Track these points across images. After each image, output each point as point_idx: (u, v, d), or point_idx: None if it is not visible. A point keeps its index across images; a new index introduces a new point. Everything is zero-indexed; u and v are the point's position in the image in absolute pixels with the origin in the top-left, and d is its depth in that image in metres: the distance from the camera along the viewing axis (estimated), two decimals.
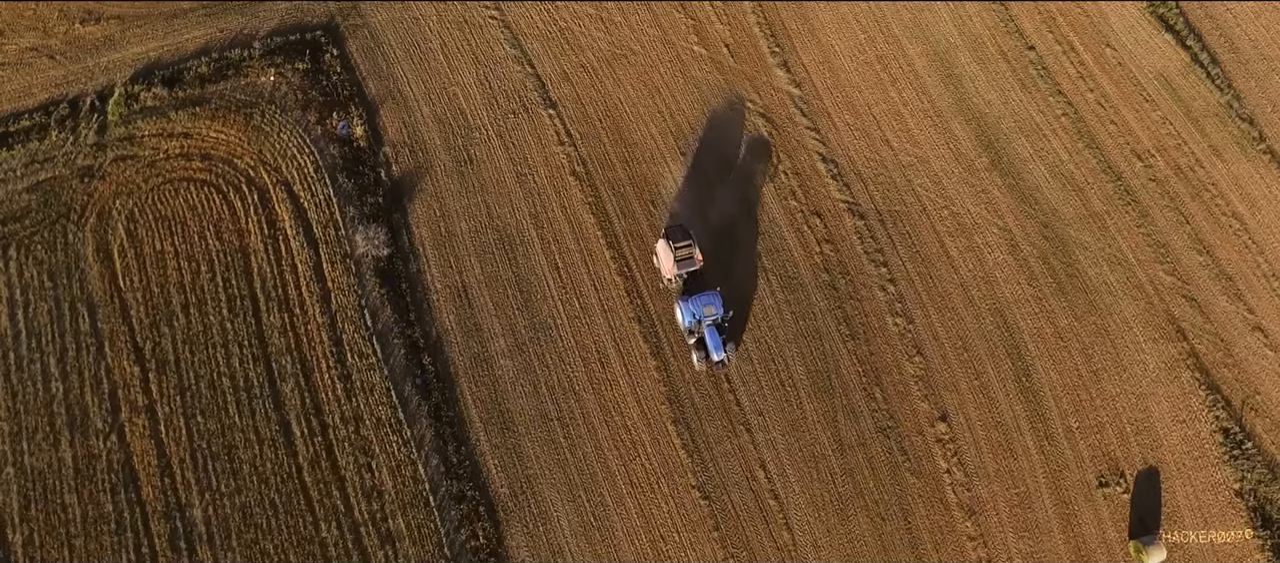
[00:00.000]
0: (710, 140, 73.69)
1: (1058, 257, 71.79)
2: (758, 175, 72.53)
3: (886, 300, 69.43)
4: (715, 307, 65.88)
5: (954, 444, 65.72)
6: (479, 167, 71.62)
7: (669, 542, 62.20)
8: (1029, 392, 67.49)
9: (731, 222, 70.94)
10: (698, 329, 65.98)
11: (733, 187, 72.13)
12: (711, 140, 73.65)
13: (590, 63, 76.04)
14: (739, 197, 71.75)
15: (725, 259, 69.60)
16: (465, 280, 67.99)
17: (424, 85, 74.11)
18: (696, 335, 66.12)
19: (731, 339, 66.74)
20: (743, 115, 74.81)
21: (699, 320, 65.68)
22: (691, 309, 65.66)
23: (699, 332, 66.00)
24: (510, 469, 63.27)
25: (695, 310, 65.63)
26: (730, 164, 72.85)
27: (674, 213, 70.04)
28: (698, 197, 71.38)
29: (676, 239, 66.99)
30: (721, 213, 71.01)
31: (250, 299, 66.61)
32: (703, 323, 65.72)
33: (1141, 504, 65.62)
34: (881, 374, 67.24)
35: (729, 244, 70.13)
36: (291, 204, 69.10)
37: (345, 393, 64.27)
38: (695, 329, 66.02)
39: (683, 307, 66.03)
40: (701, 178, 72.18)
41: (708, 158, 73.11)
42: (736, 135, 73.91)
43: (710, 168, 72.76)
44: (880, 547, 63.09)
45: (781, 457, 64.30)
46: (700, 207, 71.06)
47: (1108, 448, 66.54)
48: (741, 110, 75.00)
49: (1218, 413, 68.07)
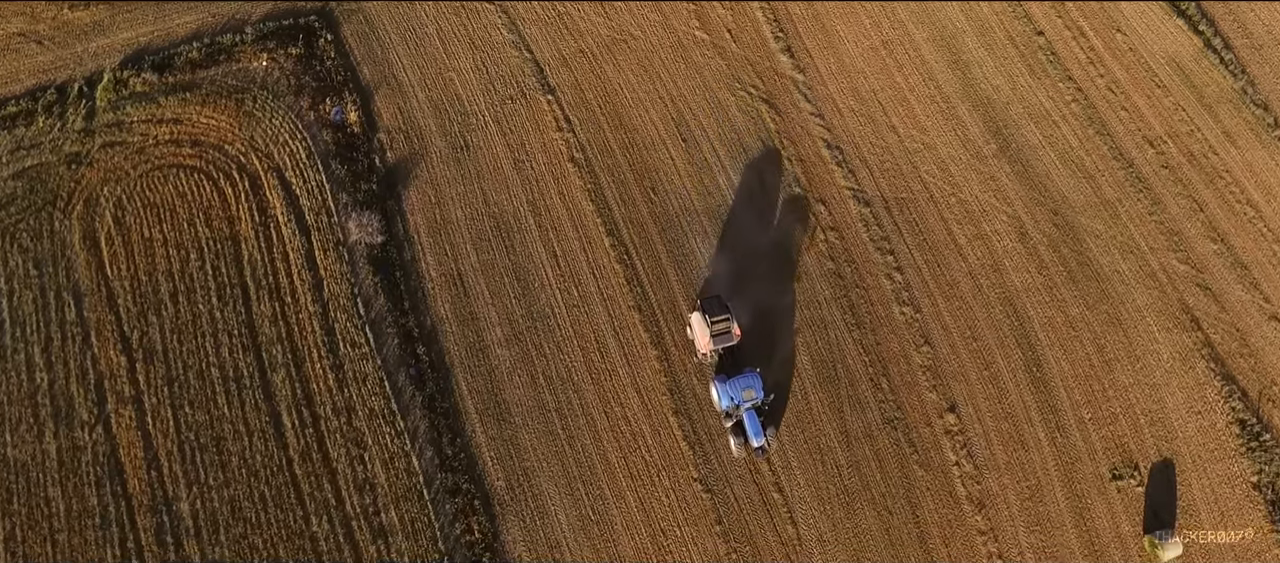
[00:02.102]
0: (712, 127, 72.04)
1: (1068, 244, 70.06)
2: (761, 162, 70.80)
3: (893, 289, 67.71)
4: (755, 389, 61.55)
5: (963, 436, 63.97)
6: (475, 153, 69.97)
7: (670, 536, 60.43)
8: (1040, 382, 65.72)
9: (733, 210, 69.16)
10: (736, 412, 61.91)
11: (735, 174, 70.45)
12: (713, 127, 72.00)
13: (589, 48, 74.39)
14: (741, 184, 70.06)
15: (727, 249, 67.79)
16: (461, 269, 66.32)
17: (419, 71, 72.47)
18: (734, 418, 62.16)
19: (771, 422, 62.72)
20: (745, 101, 73.11)
21: (738, 405, 61.69)
22: (729, 393, 61.33)
23: (737, 415, 62.04)
24: (507, 462, 61.55)
25: (734, 395, 61.28)
26: (732, 151, 71.18)
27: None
28: (699, 185, 69.74)
29: (714, 313, 62.82)
30: (722, 204, 69.28)
31: (240, 288, 64.97)
32: (741, 407, 61.83)
33: (1156, 498, 63.80)
34: (888, 364, 65.49)
35: (732, 234, 68.33)
36: (283, 191, 67.50)
37: (337, 384, 62.57)
38: (733, 412, 62.00)
39: (720, 388, 61.83)
40: (702, 165, 70.53)
41: (709, 145, 71.45)
42: (739, 122, 72.23)
43: (711, 155, 71.11)
44: (887, 541, 61.29)
45: (785, 449, 62.54)
46: (702, 196, 69.36)
47: (1121, 440, 64.72)
48: (744, 96, 73.30)
49: (1234, 404, 66.27)
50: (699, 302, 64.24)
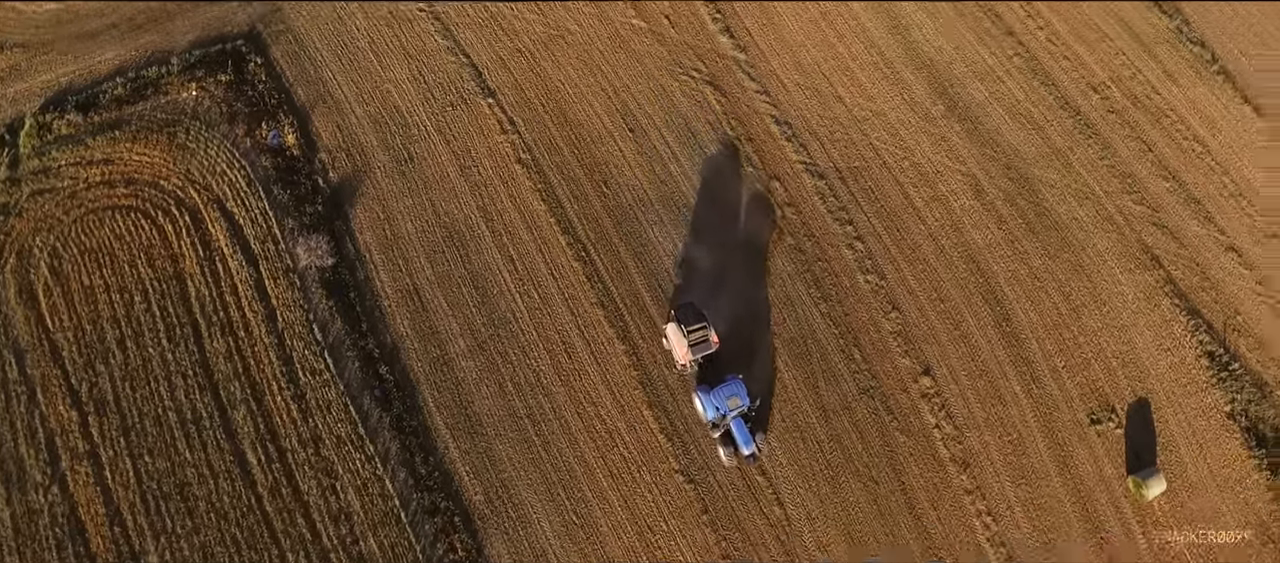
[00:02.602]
0: (658, 115, 70.95)
1: (1024, 197, 69.91)
2: (711, 145, 69.85)
3: (855, 258, 67.08)
4: (740, 396, 59.96)
5: (940, 398, 63.49)
6: (420, 164, 68.32)
7: (657, 532, 59.29)
8: (1010, 336, 65.45)
9: (688, 197, 68.11)
10: (723, 423, 60.49)
11: (687, 160, 69.43)
12: (659, 115, 70.92)
13: (526, 47, 72.98)
14: (694, 169, 69.04)
15: (687, 236, 66.76)
16: (417, 283, 64.66)
17: (355, 86, 70.63)
18: (721, 428, 60.60)
19: (759, 427, 61.15)
20: (689, 85, 72.11)
21: (724, 415, 60.30)
22: (714, 403, 59.77)
23: (724, 426, 60.52)
24: (483, 474, 60.05)
25: (719, 404, 59.69)
26: (681, 137, 70.14)
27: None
28: (651, 174, 68.61)
29: (689, 322, 61.09)
30: (676, 190, 68.22)
31: (190, 326, 62.80)
32: (728, 417, 60.36)
33: (1135, 437, 63.81)
34: (858, 334, 64.86)
35: (689, 220, 67.28)
36: (226, 222, 65.37)
37: (301, 414, 60.67)
38: (720, 423, 60.52)
39: (704, 399, 60.32)
40: (653, 154, 69.43)
41: (657, 133, 70.37)
42: (685, 106, 71.21)
43: (660, 143, 70.02)
44: (876, 511, 60.65)
45: (765, 429, 61.54)
46: (655, 185, 68.24)
47: (1095, 384, 64.66)
48: (687, 80, 72.30)
49: (1201, 337, 66.48)
50: (672, 312, 62.61)
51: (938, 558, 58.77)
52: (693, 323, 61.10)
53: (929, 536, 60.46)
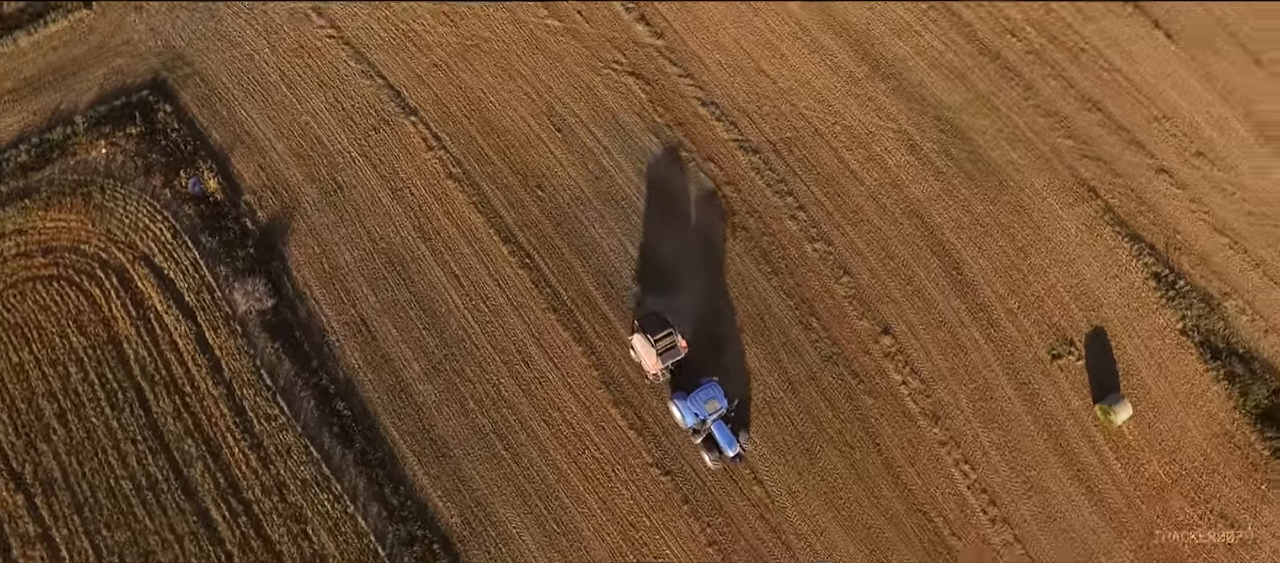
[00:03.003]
0: (584, 112, 70.07)
1: (958, 146, 70.28)
2: (641, 135, 69.10)
3: (800, 228, 66.81)
4: (718, 399, 58.81)
5: (903, 355, 63.44)
6: (350, 192, 66.61)
7: (640, 528, 58.36)
8: (962, 284, 65.67)
9: (625, 189, 67.29)
10: (703, 428, 59.15)
11: (619, 153, 68.60)
12: (585, 111, 70.05)
13: (442, 60, 71.63)
14: (627, 161, 68.22)
15: (629, 229, 65.92)
16: (362, 313, 62.99)
17: (273, 122, 68.65)
18: (702, 433, 59.18)
19: (741, 426, 60.00)
20: (612, 78, 71.29)
21: (704, 420, 59.01)
22: (692, 409, 58.62)
23: (705, 430, 59.16)
24: (457, 496, 58.61)
25: (697, 410, 58.56)
26: (610, 131, 69.31)
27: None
28: (584, 172, 67.67)
29: (655, 331, 59.61)
30: (613, 185, 67.34)
31: (133, 390, 60.45)
32: (709, 421, 59.16)
33: (1096, 366, 64.44)
34: (813, 303, 64.55)
35: (629, 213, 66.46)
36: (156, 278, 63.08)
37: (261, 463, 58.71)
38: (700, 428, 59.15)
39: (682, 407, 59.02)
40: (584, 152, 68.52)
41: (585, 130, 69.49)
42: (610, 100, 70.39)
43: (590, 140, 69.14)
44: (855, 476, 60.36)
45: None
46: (590, 182, 67.32)
47: (1051, 320, 65.17)
48: (609, 74, 71.49)
49: (1145, 260, 67.39)
50: (636, 322, 61.17)
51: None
52: (658, 331, 59.82)
53: (910, 492, 60.32)
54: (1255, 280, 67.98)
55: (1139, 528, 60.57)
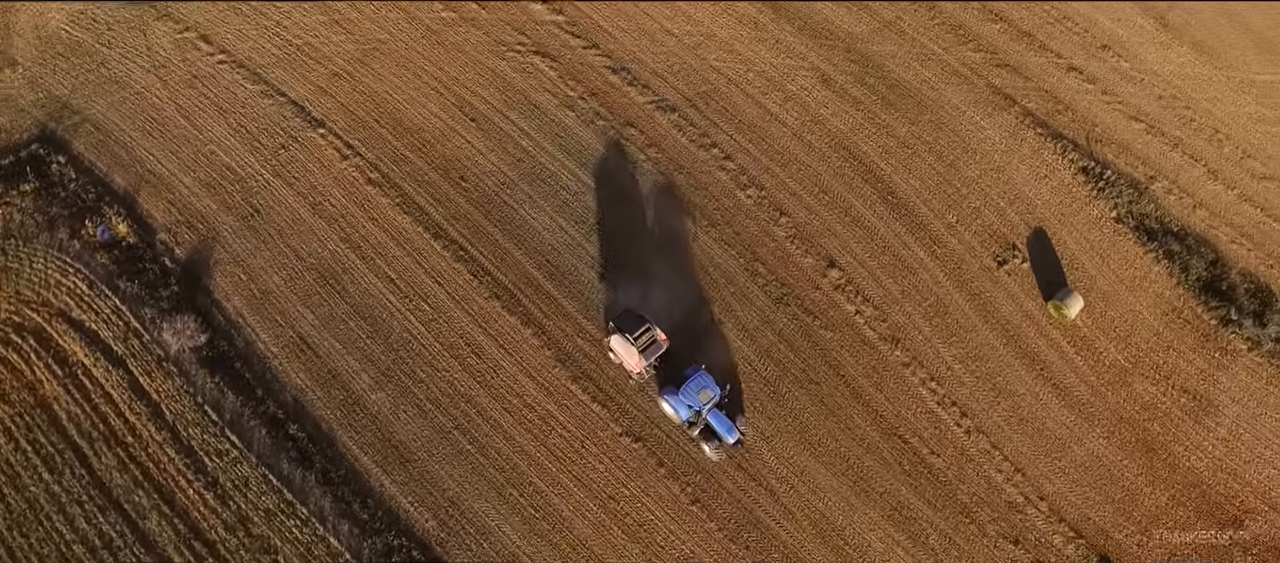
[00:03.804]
0: (495, 98, 68.58)
1: (872, 74, 70.41)
2: (556, 111, 67.85)
3: (730, 178, 66.21)
4: (711, 388, 57.31)
5: (852, 285, 63.17)
6: (268, 214, 64.21)
7: (619, 498, 57.08)
8: (899, 207, 65.68)
9: (549, 167, 65.95)
10: (699, 419, 57.67)
11: (537, 132, 67.22)
12: (496, 97, 68.56)
13: (342, 69, 69.56)
14: (547, 140, 66.88)
15: (560, 206, 64.61)
16: (301, 332, 60.67)
17: (176, 156, 65.91)
18: (699, 426, 57.67)
19: (737, 411, 58.73)
20: (517, 60, 69.94)
21: (699, 411, 57.38)
22: (686, 401, 57.10)
23: (701, 422, 57.75)
24: (428, 500, 56.70)
25: (691, 402, 57.00)
26: (525, 112, 67.93)
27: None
28: (505, 156, 66.17)
29: (633, 329, 57.73)
30: (536, 164, 65.98)
31: (71, 450, 57.36)
32: (704, 412, 57.47)
33: (1042, 266, 65.01)
34: (755, 248, 63.96)
35: (557, 189, 65.16)
36: (77, 333, 60.00)
37: (219, 500, 56.14)
38: (696, 420, 57.73)
39: (674, 402, 57.48)
40: (502, 137, 67.01)
41: (500, 115, 68.00)
42: (519, 82, 69.03)
43: (506, 124, 67.66)
44: (825, 411, 59.84)
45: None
46: (513, 165, 65.82)
47: (991, 229, 65.52)
48: (514, 56, 70.13)
49: (1071, 157, 68.35)
50: (610, 324, 59.27)
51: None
52: (636, 329, 57.81)
53: (882, 418, 60.02)
54: (1176, 160, 69.23)
55: (1107, 413, 61.05)
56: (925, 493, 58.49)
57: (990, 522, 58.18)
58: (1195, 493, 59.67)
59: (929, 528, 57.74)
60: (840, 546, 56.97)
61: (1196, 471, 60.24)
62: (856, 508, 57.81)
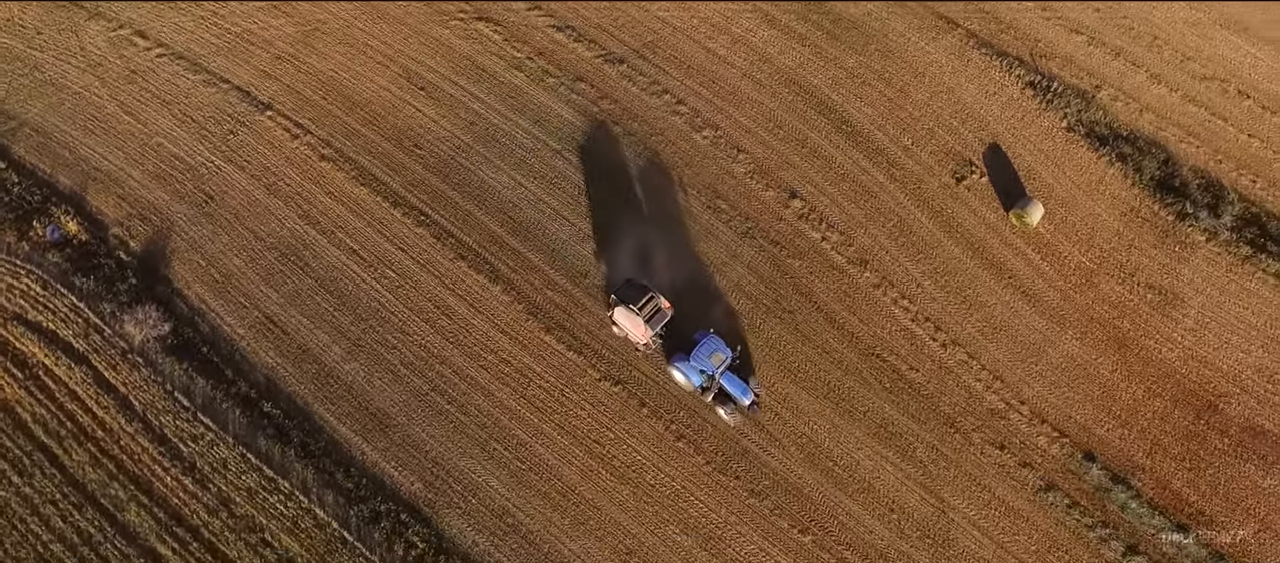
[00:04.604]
0: (441, 66, 68.04)
1: (814, 11, 70.78)
2: (505, 74, 67.47)
3: (684, 122, 66.19)
4: (722, 350, 55.98)
5: (815, 213, 63.38)
6: (223, 200, 63.18)
7: (605, 442, 56.72)
8: (854, 135, 66.02)
9: (502, 129, 65.50)
10: (712, 383, 56.68)
11: (487, 96, 66.78)
12: (443, 65, 68.03)
13: (285, 52, 68.67)
14: (498, 102, 66.47)
15: (517, 164, 64.21)
16: (267, 311, 59.71)
17: (122, 152, 64.67)
18: (713, 390, 56.73)
19: (749, 371, 57.68)
20: (461, 27, 69.47)
21: (712, 375, 56.35)
22: (697, 367, 55.85)
23: (714, 385, 56.65)
24: (412, 462, 55.99)
25: (703, 366, 55.77)
26: (473, 77, 67.46)
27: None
28: (458, 121, 65.67)
29: (636, 299, 56.15)
30: (490, 126, 65.53)
31: (40, 451, 55.95)
32: (717, 375, 56.44)
33: (1000, 179, 65.62)
34: (716, 186, 63.95)
35: (512, 147, 64.73)
36: (35, 334, 58.58)
37: (198, 484, 55.03)
38: (709, 385, 56.68)
39: (685, 368, 56.30)
40: (452, 103, 66.49)
41: (448, 82, 67.46)
42: (465, 48, 68.57)
43: (455, 90, 67.14)
44: (801, 337, 59.91)
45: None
46: (466, 129, 65.32)
47: (947, 148, 66.03)
48: (457, 23, 69.65)
49: (1017, 73, 69.11)
50: (612, 296, 57.88)
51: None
52: (639, 298, 56.52)
53: (858, 339, 60.18)
54: (1119, 68, 70.25)
55: (1077, 315, 61.65)
56: (908, 408, 58.67)
57: (974, 430, 58.48)
58: (1169, 383, 60.36)
59: (915, 442, 57.92)
60: (829, 467, 56.97)
61: (1168, 361, 60.95)
62: (842, 429, 57.85)
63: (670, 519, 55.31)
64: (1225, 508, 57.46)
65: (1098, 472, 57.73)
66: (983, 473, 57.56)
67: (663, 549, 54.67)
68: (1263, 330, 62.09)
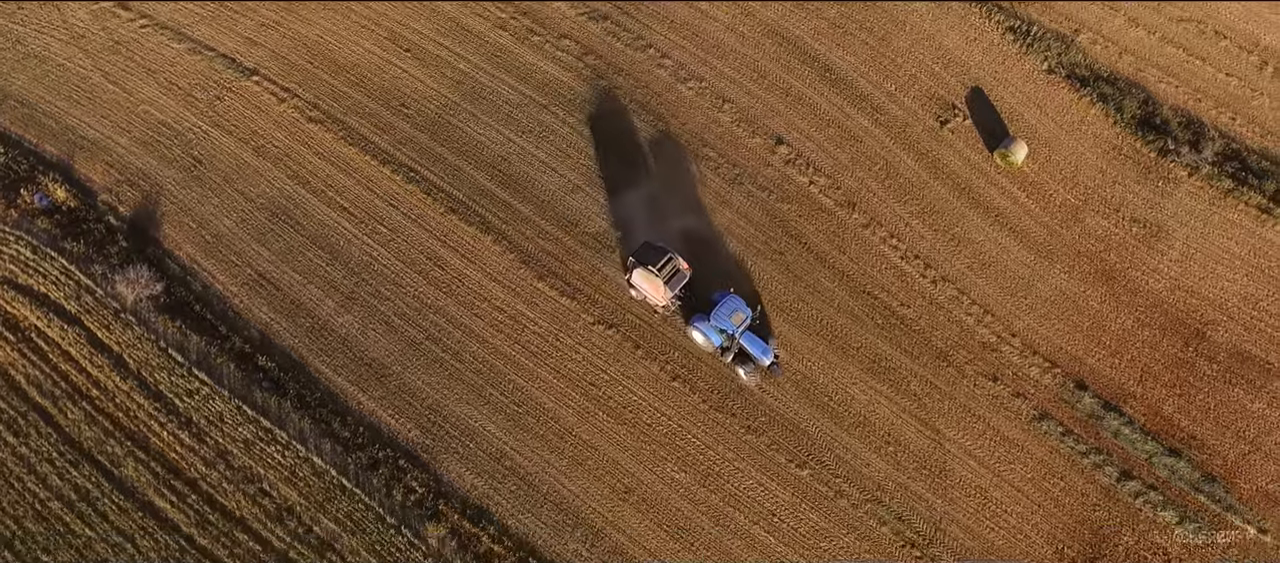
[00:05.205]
0: (426, 27, 68.22)
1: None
2: (489, 33, 67.73)
3: (669, 74, 66.57)
4: (742, 309, 55.74)
5: (802, 158, 63.84)
6: (211, 163, 63.25)
7: (600, 383, 57.00)
8: (838, 82, 66.53)
9: (488, 87, 65.77)
10: (733, 343, 56.23)
11: (473, 55, 67.02)
12: (426, 26, 68.20)
13: (269, 19, 68.76)
14: (484, 60, 66.72)
15: (505, 120, 64.47)
16: (259, 269, 59.82)
17: (109, 120, 64.63)
18: (732, 350, 56.36)
19: (769, 332, 57.52)
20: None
21: (732, 335, 56.08)
22: (717, 326, 55.59)
23: (734, 345, 56.24)
24: (409, 410, 56.14)
25: (724, 325, 55.43)
26: (458, 37, 67.68)
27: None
28: (444, 79, 65.89)
29: (655, 261, 55.76)
30: (476, 84, 65.80)
31: (34, 411, 55.85)
32: (738, 335, 56.06)
33: (983, 121, 66.25)
34: (703, 135, 64.39)
35: (497, 109, 64.99)
36: (26, 297, 58.50)
37: (195, 438, 55.04)
38: (729, 345, 56.37)
39: (705, 329, 56.02)
40: (439, 62, 66.71)
41: (433, 42, 67.63)
42: (449, 10, 68.75)
43: (440, 50, 67.31)
44: (793, 278, 60.34)
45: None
46: (453, 87, 65.54)
47: (930, 92, 66.63)
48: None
49: (997, 19, 69.68)
50: (630, 258, 57.60)
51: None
52: (658, 260, 56.24)
53: (849, 278, 60.68)
54: (1097, 11, 70.95)
55: (1064, 249, 62.25)
56: (901, 343, 59.11)
57: (967, 363, 58.96)
58: (1157, 313, 60.98)
59: (909, 376, 58.35)
60: (824, 402, 57.35)
61: (1156, 292, 61.58)
62: (836, 365, 58.24)
63: (668, 457, 55.56)
64: (1216, 432, 58.05)
65: (1090, 400, 58.22)
66: (977, 404, 57.99)
67: (661, 486, 54.90)
68: (1246, 260, 62.76)
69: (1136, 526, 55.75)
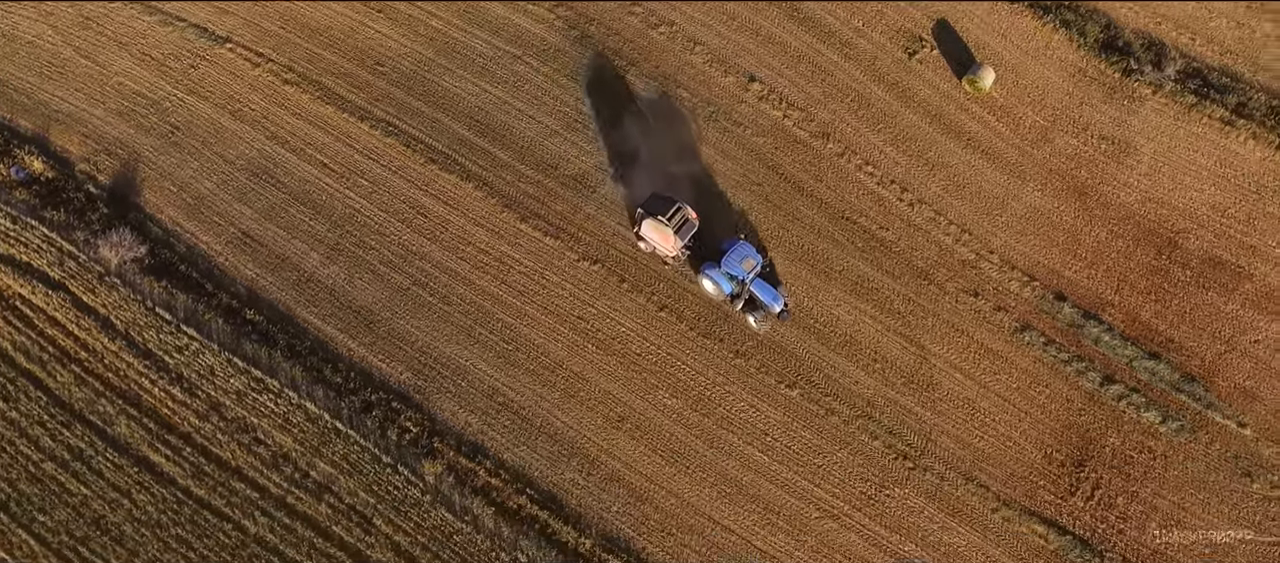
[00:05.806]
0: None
1: None
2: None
3: (640, 21, 67.28)
4: (752, 256, 56.06)
5: (775, 93, 64.72)
6: (189, 129, 63.38)
7: (588, 317, 57.55)
8: (806, 21, 67.51)
9: (461, 42, 66.23)
10: (743, 290, 56.65)
11: (445, 13, 67.39)
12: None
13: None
14: (456, 17, 67.14)
15: (480, 73, 64.96)
16: (243, 227, 60.01)
17: (83, 93, 64.61)
18: (742, 298, 56.76)
19: (776, 281, 57.71)
20: None
21: (742, 281, 56.41)
22: (728, 273, 55.90)
23: (744, 292, 56.57)
24: (399, 353, 56.47)
25: (734, 271, 55.76)
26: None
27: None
28: (417, 37, 66.23)
29: (664, 211, 56.10)
30: (449, 39, 66.24)
31: (23, 376, 55.77)
32: (748, 281, 56.46)
33: (949, 51, 67.34)
34: (676, 77, 65.16)
35: (472, 62, 65.47)
36: (8, 266, 58.42)
37: (186, 393, 55.12)
38: (740, 292, 56.75)
39: (716, 276, 56.28)
40: (411, 20, 67.08)
41: (406, 4, 67.88)
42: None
43: (413, 10, 67.60)
44: (772, 207, 61.18)
45: (636, 193, 60.64)
46: (428, 43, 65.89)
47: (896, 26, 67.72)
48: None
49: None
50: (639, 210, 57.91)
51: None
52: (667, 210, 56.47)
53: (827, 205, 61.55)
54: None
55: (1036, 169, 63.38)
56: (882, 265, 60.02)
57: (948, 280, 59.91)
58: (1130, 224, 62.18)
59: (892, 295, 59.24)
60: (810, 324, 58.12)
61: (1127, 205, 62.80)
62: (819, 288, 59.05)
63: (659, 385, 56.15)
64: (1192, 334, 59.26)
65: (1069, 310, 59.31)
66: (960, 319, 58.94)
67: (654, 413, 55.47)
68: (1212, 171, 64.11)
69: (1121, 427, 56.79)
